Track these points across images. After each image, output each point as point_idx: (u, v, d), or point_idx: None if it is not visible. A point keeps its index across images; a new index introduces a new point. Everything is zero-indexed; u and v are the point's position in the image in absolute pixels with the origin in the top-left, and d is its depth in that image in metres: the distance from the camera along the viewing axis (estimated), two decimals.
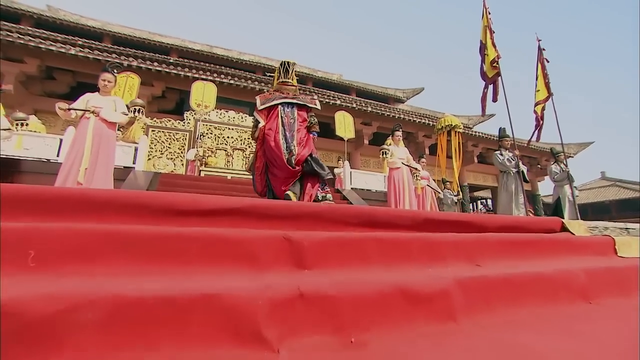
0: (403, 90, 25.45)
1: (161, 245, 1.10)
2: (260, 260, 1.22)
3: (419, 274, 1.10)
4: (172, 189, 4.41)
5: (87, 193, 1.36)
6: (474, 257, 1.72)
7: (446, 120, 8.79)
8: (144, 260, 1.05)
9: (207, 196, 1.63)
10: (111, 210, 1.37)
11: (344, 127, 8.42)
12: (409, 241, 1.58)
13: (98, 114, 3.29)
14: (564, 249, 2.00)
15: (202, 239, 1.19)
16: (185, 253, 1.13)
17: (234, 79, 12.75)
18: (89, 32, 16.15)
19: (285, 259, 1.27)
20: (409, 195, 4.92)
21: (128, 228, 1.11)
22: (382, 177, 6.45)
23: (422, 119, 18.10)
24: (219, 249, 1.19)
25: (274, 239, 1.28)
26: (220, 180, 5.24)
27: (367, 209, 1.90)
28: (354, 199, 5.34)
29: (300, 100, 3.46)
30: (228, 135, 8.46)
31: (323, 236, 1.37)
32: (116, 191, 1.54)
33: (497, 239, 1.92)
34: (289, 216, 1.65)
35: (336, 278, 1.08)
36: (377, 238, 1.48)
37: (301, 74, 20.56)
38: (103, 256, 1.01)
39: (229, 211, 1.57)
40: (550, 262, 1.75)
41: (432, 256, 1.60)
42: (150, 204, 1.46)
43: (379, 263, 1.43)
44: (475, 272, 1.12)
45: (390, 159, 4.93)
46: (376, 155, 18.35)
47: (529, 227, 2.47)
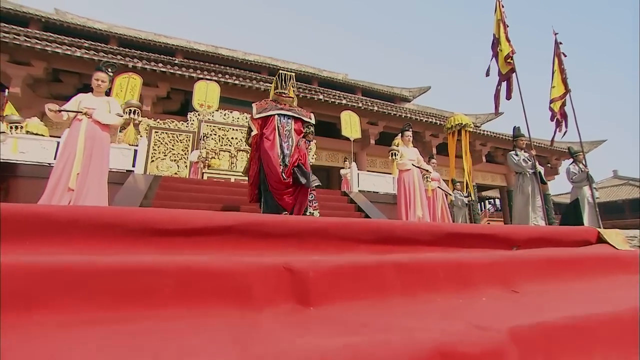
0: (409, 89, 25.03)
1: (123, 282, 0.85)
2: (254, 298, 0.96)
3: (457, 323, 0.83)
4: (172, 192, 4.19)
5: (45, 211, 1.11)
6: (509, 281, 1.44)
7: (456, 119, 8.45)
8: (99, 305, 0.80)
9: (193, 212, 1.38)
10: (76, 231, 1.12)
11: (350, 127, 8.14)
12: (434, 266, 1.30)
13: (91, 115, 3.07)
14: (612, 267, 1.70)
15: (180, 272, 0.94)
16: (156, 293, 0.88)
17: (238, 79, 12.55)
18: (95, 35, 16.09)
19: (286, 295, 1.01)
20: (420, 198, 4.62)
21: (80, 261, 0.86)
22: (391, 179, 6.16)
23: (429, 118, 17.70)
24: (202, 285, 0.93)
25: (273, 270, 1.02)
26: (223, 184, 5.01)
27: (381, 224, 1.63)
28: (362, 202, 5.07)
29: (297, 113, 3.49)
30: (232, 136, 8.23)
31: (332, 264, 1.11)
32: (83, 208, 1.29)
33: (532, 257, 1.64)
34: (290, 234, 1.39)
35: (349, 328, 0.82)
36: (396, 263, 1.21)
37: (307, 73, 20.30)
38: (40, 302, 0.76)
39: (220, 230, 1.32)
40: (604, 288, 1.46)
41: (462, 283, 1.32)
42: (125, 222, 1.22)
43: (399, 295, 1.16)
44: (532, 318, 0.86)
45: (400, 161, 4.64)
46: (383, 155, 18.02)
47: (562, 239, 2.17)
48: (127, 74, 6.82)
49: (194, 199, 4.14)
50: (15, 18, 16.05)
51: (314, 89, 14.84)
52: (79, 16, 18.03)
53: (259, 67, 19.01)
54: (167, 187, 4.26)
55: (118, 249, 1.14)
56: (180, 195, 4.13)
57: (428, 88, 25.61)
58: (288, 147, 3.26)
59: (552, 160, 19.79)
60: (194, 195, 4.22)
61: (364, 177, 5.93)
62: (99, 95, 3.29)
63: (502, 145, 18.98)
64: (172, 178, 4.89)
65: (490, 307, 1.12)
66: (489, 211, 26.82)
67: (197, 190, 4.42)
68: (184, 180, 4.82)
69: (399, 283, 1.19)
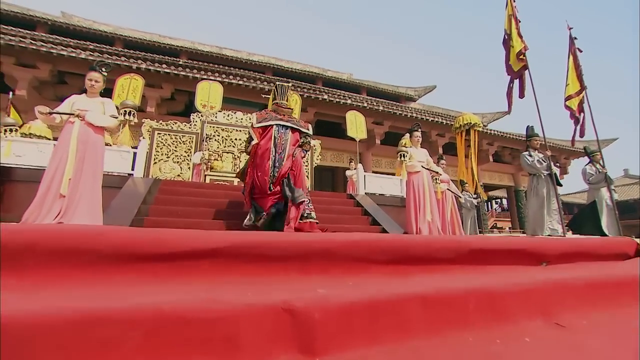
0: (415, 89, 24.70)
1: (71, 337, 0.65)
2: (245, 350, 0.75)
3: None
4: (171, 197, 4.00)
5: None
6: (551, 311, 1.21)
7: (464, 119, 8.17)
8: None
9: (177, 232, 1.17)
10: (30, 259, 0.92)
11: (355, 127, 7.90)
12: (463, 296, 1.08)
13: (83, 117, 2.89)
14: None
15: (150, 320, 0.73)
16: (117, 348, 0.67)
17: (242, 79, 12.39)
18: (100, 37, 16.05)
19: (285, 344, 0.79)
20: (430, 202, 4.38)
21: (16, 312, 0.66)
22: (398, 181, 5.92)
23: (435, 118, 17.38)
24: (178, 336, 0.73)
25: (269, 312, 0.81)
26: (226, 187, 4.80)
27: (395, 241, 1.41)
28: (369, 205, 4.84)
29: (295, 124, 3.56)
30: (236, 137, 8.03)
31: (343, 300, 0.89)
32: (42, 228, 1.09)
33: (573, 280, 1.40)
34: (291, 257, 1.17)
35: None
36: (420, 296, 0.99)
37: (311, 73, 20.08)
38: None
39: (210, 253, 1.10)
40: None
41: (497, 316, 1.10)
42: (96, 246, 1.01)
43: (425, 336, 0.94)
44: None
45: (409, 163, 4.40)
46: (388, 155, 17.73)
47: (598, 252, 1.92)
48: (129, 75, 6.66)
49: (194, 204, 3.94)
50: (22, 21, 16.08)
51: (319, 89, 14.61)
52: (84, 19, 18.01)
53: (263, 67, 18.84)
54: (167, 191, 4.08)
55: (83, 281, 0.94)
56: (181, 200, 3.94)
57: (433, 87, 25.26)
58: (281, 158, 3.34)
59: (561, 160, 19.34)
60: (194, 199, 4.02)
61: (371, 179, 5.68)
62: (93, 96, 3.11)
63: (510, 144, 18.61)
64: (172, 182, 4.70)
65: (537, 354, 0.89)
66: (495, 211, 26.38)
67: (198, 194, 4.23)
68: (184, 184, 4.63)
69: (423, 320, 0.97)
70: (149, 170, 7.30)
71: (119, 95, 6.54)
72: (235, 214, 3.88)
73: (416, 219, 4.30)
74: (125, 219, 3.25)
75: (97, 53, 11.54)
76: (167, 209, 3.71)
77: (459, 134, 8.39)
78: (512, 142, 18.31)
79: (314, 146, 8.61)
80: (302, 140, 3.58)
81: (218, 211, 3.83)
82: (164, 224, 3.37)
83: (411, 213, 4.33)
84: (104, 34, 16.16)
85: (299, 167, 3.43)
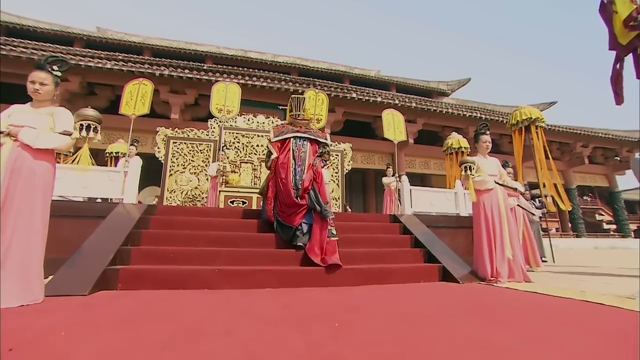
0: (447, 83, 22.69)
1: None
2: None
3: None
4: (164, 232, 3.00)
5: None
6: None
7: (523, 113, 6.60)
8: None
9: None
10: None
11: (393, 128, 6.62)
12: None
13: (15, 136, 1.94)
14: None
15: None
16: None
17: (266, 80, 11.45)
18: (130, 47, 15.87)
19: None
20: (510, 231, 3.06)
21: None
22: (452, 195, 4.58)
23: (473, 112, 15.54)
24: None
25: None
26: (239, 212, 3.71)
27: None
28: (420, 232, 3.59)
29: (312, 135, 3.46)
30: (257, 143, 7.04)
31: None
32: None
33: None
34: None
35: None
36: None
37: (338, 72, 18.84)
38: None
39: None
40: None
41: None
42: None
43: None
44: None
45: (478, 178, 3.11)
46: (422, 155, 16.10)
47: None
48: (137, 80, 5.85)
49: (196, 240, 2.92)
50: (61, 38, 16.26)
51: (346, 88, 13.37)
52: (117, 32, 18.03)
53: (289, 68, 17.88)
54: (161, 223, 3.10)
55: None
56: (178, 236, 2.93)
57: (468, 80, 23.10)
58: (301, 170, 3.25)
59: (623, 153, 16.65)
60: (197, 234, 3.00)
61: (419, 194, 4.38)
62: (40, 106, 2.15)
63: (603, 144, 16.27)
64: (171, 208, 3.71)
65: None
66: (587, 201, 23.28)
67: (202, 225, 3.21)
68: (185, 211, 3.61)
69: None
70: (164, 182, 6.49)
71: (127, 103, 5.75)
72: (254, 255, 2.81)
73: (491, 256, 2.99)
74: (93, 271, 2.27)
75: (122, 62, 11.10)
76: (157, 250, 2.71)
77: (517, 132, 6.83)
78: (607, 142, 16.01)
79: (343, 150, 7.44)
80: (321, 150, 3.48)
81: (230, 254, 2.78)
82: (147, 279, 2.36)
83: (483, 247, 3.03)
84: (133, 44, 15.98)
85: (321, 177, 3.32)
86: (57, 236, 3.11)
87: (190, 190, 6.57)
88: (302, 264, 2.90)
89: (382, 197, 17.14)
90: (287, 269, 2.69)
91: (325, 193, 3.27)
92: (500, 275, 2.84)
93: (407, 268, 3.02)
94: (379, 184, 17.25)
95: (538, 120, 6.53)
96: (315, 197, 3.12)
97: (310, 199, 3.12)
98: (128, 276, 2.35)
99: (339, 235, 3.37)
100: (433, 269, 3.08)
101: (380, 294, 2.42)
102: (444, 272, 3.08)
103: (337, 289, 2.60)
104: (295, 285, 2.63)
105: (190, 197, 6.54)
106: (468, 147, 8.20)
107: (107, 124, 11.80)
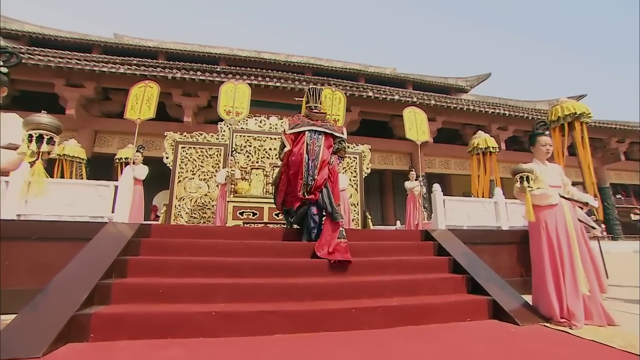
0: (466, 79, 21.59)
1: None
2: None
3: None
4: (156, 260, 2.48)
5: None
6: None
7: (566, 108, 5.78)
8: None
9: None
10: None
11: (415, 127, 5.95)
12: None
13: None
14: None
15: None
16: None
17: (279, 81, 10.95)
18: (145, 52, 15.77)
19: None
20: (582, 256, 2.38)
21: None
22: (491, 205, 3.88)
23: (496, 109, 14.56)
24: None
25: None
26: (250, 233, 3.10)
27: None
28: (460, 253, 2.94)
29: (328, 129, 3.31)
30: (270, 146, 6.53)
31: None
32: None
33: None
34: None
35: None
36: None
37: (352, 70, 18.17)
38: None
39: None
40: None
41: None
42: None
43: None
44: None
45: (537, 191, 2.44)
46: (442, 154, 15.19)
47: None
48: (143, 82, 5.46)
49: (190, 270, 2.39)
50: (80, 46, 16.34)
51: (362, 86, 12.70)
52: (133, 37, 18.04)
53: (303, 67, 17.36)
54: (153, 247, 2.59)
55: None
56: (170, 265, 2.40)
57: (487, 75, 21.91)
58: (314, 165, 3.12)
59: None
60: (193, 261, 2.47)
61: (453, 204, 3.69)
62: None
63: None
64: (166, 228, 3.18)
65: None
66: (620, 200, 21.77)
67: (202, 248, 2.67)
68: (183, 231, 3.06)
69: None
70: (172, 190, 6.08)
71: (132, 107, 5.36)
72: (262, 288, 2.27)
73: (558, 290, 2.32)
74: (56, 319, 1.78)
75: (134, 66, 10.87)
76: (145, 285, 2.21)
77: (557, 129, 6.01)
78: None
79: (362, 152, 6.82)
80: (337, 146, 3.29)
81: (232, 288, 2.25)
82: (127, 326, 1.86)
83: (547, 278, 2.37)
84: (148, 49, 15.88)
85: (335, 176, 3.23)
86: (38, 263, 2.67)
87: (199, 198, 6.14)
88: (320, 296, 2.34)
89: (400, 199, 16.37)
90: (302, 308, 2.13)
91: (338, 195, 3.17)
92: (575, 316, 2.17)
93: (449, 303, 2.40)
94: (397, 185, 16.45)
95: (583, 115, 5.70)
96: (328, 197, 3.02)
97: (322, 197, 3.03)
98: (103, 323, 1.85)
99: (362, 259, 2.81)
100: (480, 303, 2.44)
101: (420, 347, 1.82)
102: (494, 306, 2.44)
103: (364, 335, 2.03)
104: (312, 328, 2.07)
105: (199, 205, 6.10)
106: (496, 147, 7.42)
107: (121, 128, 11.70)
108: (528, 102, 20.26)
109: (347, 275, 2.62)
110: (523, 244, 3.43)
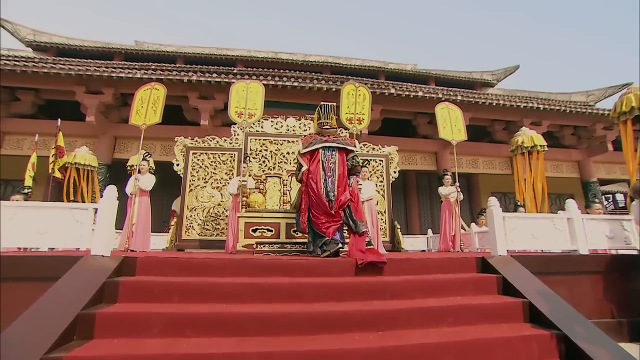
0: (492, 72, 20.14)
1: None
2: None
3: None
4: (137, 309, 1.89)
5: None
6: None
7: (636, 99, 4.75)
8: None
9: None
10: None
11: (450, 125, 5.10)
12: None
13: None
14: None
15: None
16: None
17: (297, 80, 10.32)
18: (163, 57, 15.62)
19: None
20: None
21: None
22: (564, 223, 2.98)
23: (528, 103, 13.27)
24: None
25: None
26: (253, 266, 2.47)
27: None
28: (535, 292, 2.15)
29: (340, 143, 3.39)
30: (288, 150, 5.87)
31: None
32: None
33: None
34: None
35: None
36: None
37: (372, 68, 17.27)
38: None
39: None
40: None
41: None
42: None
43: None
44: None
45: None
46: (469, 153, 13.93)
47: None
48: (148, 85, 4.97)
49: (177, 328, 1.70)
50: (102, 54, 16.43)
51: (383, 84, 11.83)
52: (152, 43, 18.02)
53: (321, 67, 16.66)
54: (134, 291, 1.93)
55: None
56: (152, 320, 1.74)
57: (516, 68, 20.36)
58: (332, 181, 3.19)
59: None
60: (184, 313, 1.80)
61: (515, 222, 2.83)
62: None
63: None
64: (155, 262, 2.50)
65: None
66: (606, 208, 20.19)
67: (197, 291, 2.03)
68: (175, 266, 2.43)
69: None
70: (183, 199, 5.56)
71: (137, 112, 4.86)
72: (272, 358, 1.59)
73: None
74: None
75: (151, 70, 10.56)
76: (118, 350, 1.58)
77: (624, 123, 4.98)
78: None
79: (388, 155, 6.04)
80: (351, 162, 3.37)
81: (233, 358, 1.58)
82: None
83: None
84: (166, 54, 15.73)
85: (357, 197, 3.37)
86: None
87: (212, 208, 5.58)
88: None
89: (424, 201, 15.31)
90: None
91: (361, 211, 3.40)
92: None
93: None
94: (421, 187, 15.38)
95: None
96: (350, 215, 3.16)
97: (346, 216, 3.17)
98: None
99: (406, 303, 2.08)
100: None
101: None
102: None
103: None
104: None
105: (212, 216, 5.54)
106: (544, 145, 6.41)
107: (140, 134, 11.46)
108: (562, 95, 18.57)
109: (389, 334, 1.88)
110: (611, 272, 2.57)
